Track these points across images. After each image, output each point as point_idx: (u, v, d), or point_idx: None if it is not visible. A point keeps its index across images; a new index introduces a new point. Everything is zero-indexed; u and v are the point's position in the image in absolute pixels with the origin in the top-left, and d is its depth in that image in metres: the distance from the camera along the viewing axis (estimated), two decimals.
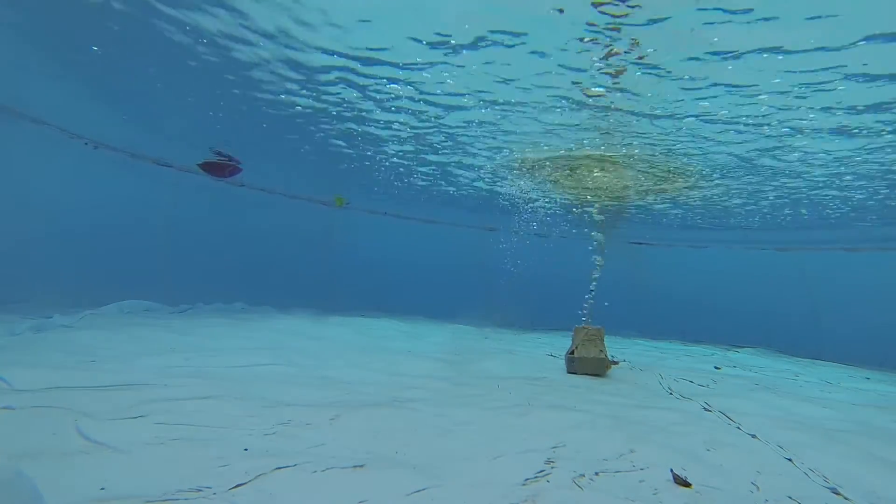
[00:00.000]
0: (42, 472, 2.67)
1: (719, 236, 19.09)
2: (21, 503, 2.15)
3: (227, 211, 18.00)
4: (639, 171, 11.28)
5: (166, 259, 16.30)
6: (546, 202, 15.43)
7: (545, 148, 10.48)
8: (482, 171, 13.17)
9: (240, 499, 2.70)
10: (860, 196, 12.04)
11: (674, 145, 9.66)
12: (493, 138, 10.33)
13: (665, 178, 11.89)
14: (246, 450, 3.36)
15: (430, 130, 10.39)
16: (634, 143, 9.61)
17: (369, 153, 12.71)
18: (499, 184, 14.27)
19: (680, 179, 11.90)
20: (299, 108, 9.99)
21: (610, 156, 10.45)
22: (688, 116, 8.25)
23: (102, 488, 2.66)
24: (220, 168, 12.11)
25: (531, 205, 15.98)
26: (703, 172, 11.26)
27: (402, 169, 13.96)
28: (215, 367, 5.79)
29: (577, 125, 9.02)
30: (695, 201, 14.13)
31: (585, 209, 15.08)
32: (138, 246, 15.71)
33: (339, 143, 12.12)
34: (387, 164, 13.44)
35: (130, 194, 15.04)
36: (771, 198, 13.08)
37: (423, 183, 15.45)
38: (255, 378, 5.42)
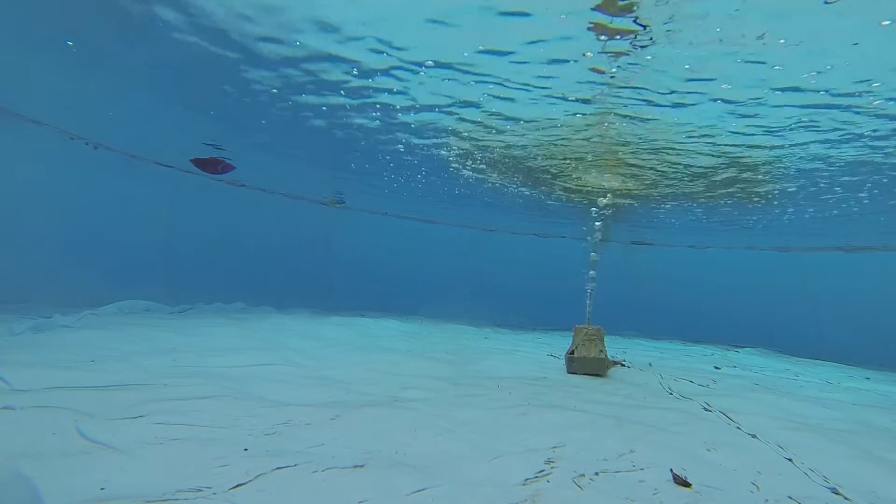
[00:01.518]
0: (42, 472, 2.67)
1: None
2: (21, 503, 2.15)
3: (226, 211, 18.00)
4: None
5: (166, 259, 16.31)
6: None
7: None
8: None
9: (240, 499, 2.70)
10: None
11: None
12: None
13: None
14: (246, 450, 3.36)
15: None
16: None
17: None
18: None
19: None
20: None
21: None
22: None
23: (102, 488, 2.66)
24: (213, 164, 12.14)
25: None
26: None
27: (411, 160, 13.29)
28: (215, 366, 5.78)
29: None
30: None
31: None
32: (138, 246, 15.72)
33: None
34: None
35: (130, 194, 15.06)
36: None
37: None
38: (255, 378, 5.42)
